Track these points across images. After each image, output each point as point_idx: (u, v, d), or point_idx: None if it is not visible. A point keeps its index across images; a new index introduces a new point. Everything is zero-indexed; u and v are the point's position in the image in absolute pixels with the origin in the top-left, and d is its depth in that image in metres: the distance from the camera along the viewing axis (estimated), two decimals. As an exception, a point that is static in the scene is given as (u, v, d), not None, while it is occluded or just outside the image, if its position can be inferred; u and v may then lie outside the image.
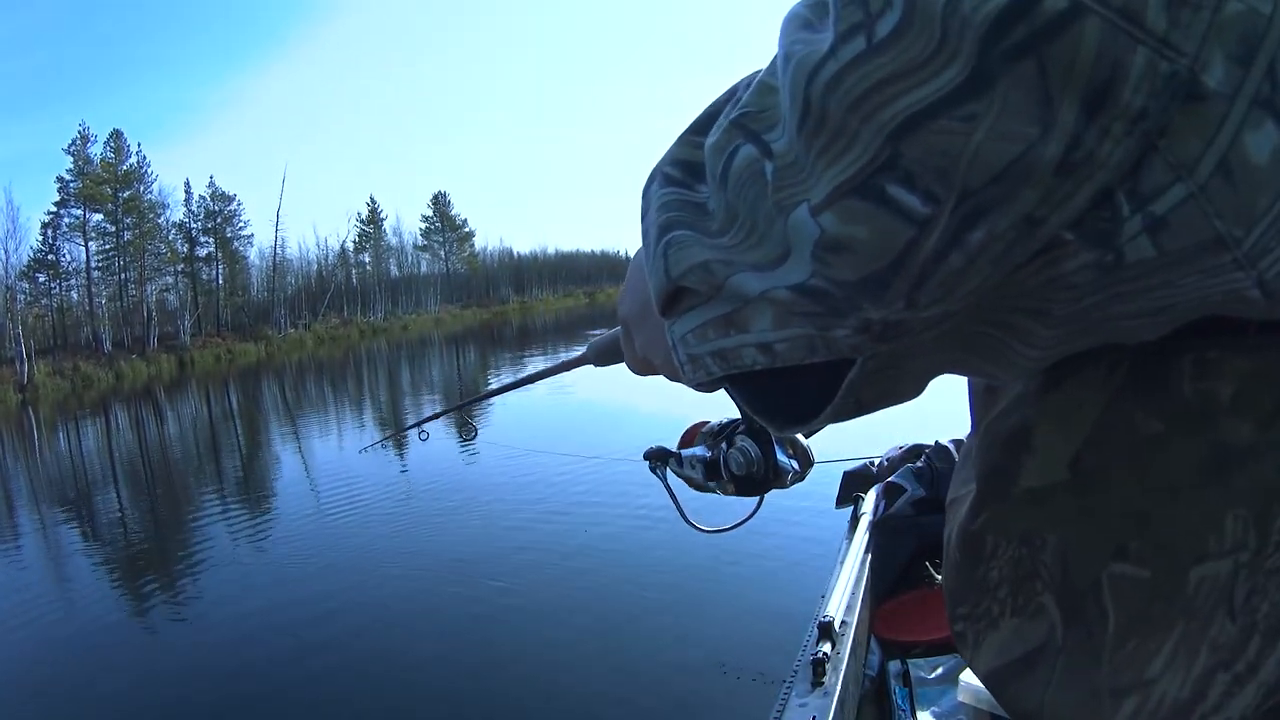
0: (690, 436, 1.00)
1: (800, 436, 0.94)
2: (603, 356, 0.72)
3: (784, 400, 0.38)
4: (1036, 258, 0.27)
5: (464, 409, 1.29)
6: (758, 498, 0.97)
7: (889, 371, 0.33)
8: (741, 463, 0.92)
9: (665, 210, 0.35)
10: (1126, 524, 0.35)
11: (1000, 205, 0.25)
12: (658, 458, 1.00)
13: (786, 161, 0.29)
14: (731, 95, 0.34)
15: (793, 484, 0.96)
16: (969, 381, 0.46)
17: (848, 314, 0.29)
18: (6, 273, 39.47)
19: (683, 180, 0.35)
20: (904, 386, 0.35)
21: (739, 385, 0.39)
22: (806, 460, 0.95)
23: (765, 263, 0.31)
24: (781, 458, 0.93)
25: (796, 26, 0.29)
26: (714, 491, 0.96)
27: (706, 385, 0.40)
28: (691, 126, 0.36)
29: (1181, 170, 0.25)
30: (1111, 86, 0.23)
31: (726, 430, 0.96)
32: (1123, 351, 0.35)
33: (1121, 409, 0.35)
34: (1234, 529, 0.32)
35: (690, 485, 0.98)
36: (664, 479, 1.01)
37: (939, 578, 1.90)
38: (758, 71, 0.32)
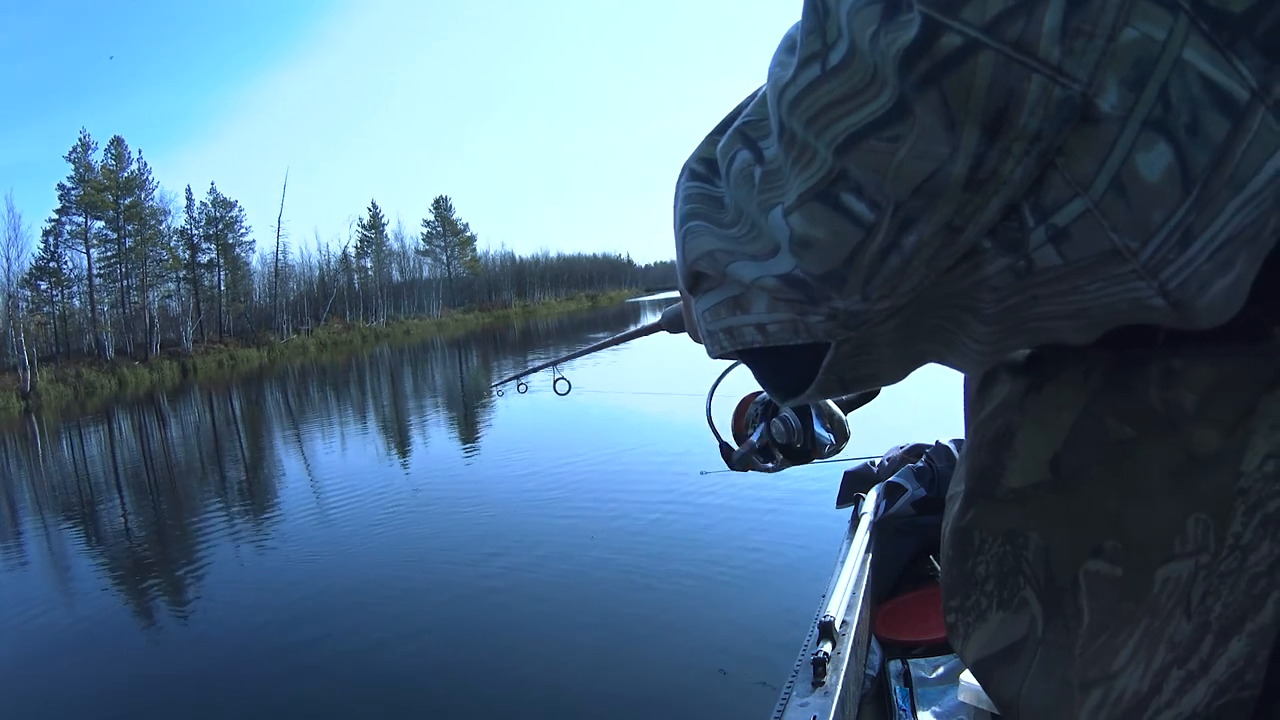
0: (744, 406, 1.10)
1: (838, 410, 1.04)
2: (674, 325, 0.81)
3: (781, 374, 0.41)
4: (963, 262, 0.30)
5: (558, 364, 1.37)
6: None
7: (863, 355, 0.37)
8: (783, 432, 1.03)
9: (687, 202, 0.39)
10: (1103, 524, 0.36)
11: (924, 214, 0.28)
12: (739, 460, 1.10)
13: (773, 167, 0.33)
14: (751, 99, 0.37)
15: (829, 455, 1.05)
16: (964, 383, 0.48)
17: (820, 302, 0.33)
18: (9, 280, 39.70)
19: (705, 175, 0.39)
20: (882, 370, 0.38)
21: (748, 359, 0.43)
22: (843, 434, 1.06)
23: (762, 253, 0.34)
24: (820, 430, 1.03)
25: (784, 48, 0.32)
26: (775, 470, 1.07)
27: (723, 357, 0.44)
28: (716, 127, 0.40)
29: (1079, 186, 0.27)
30: (1008, 111, 0.26)
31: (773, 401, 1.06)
32: (1098, 359, 0.36)
33: (1096, 414, 0.37)
34: (1195, 532, 0.33)
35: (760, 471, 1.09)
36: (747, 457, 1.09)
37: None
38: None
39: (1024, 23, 0.25)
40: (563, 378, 1.33)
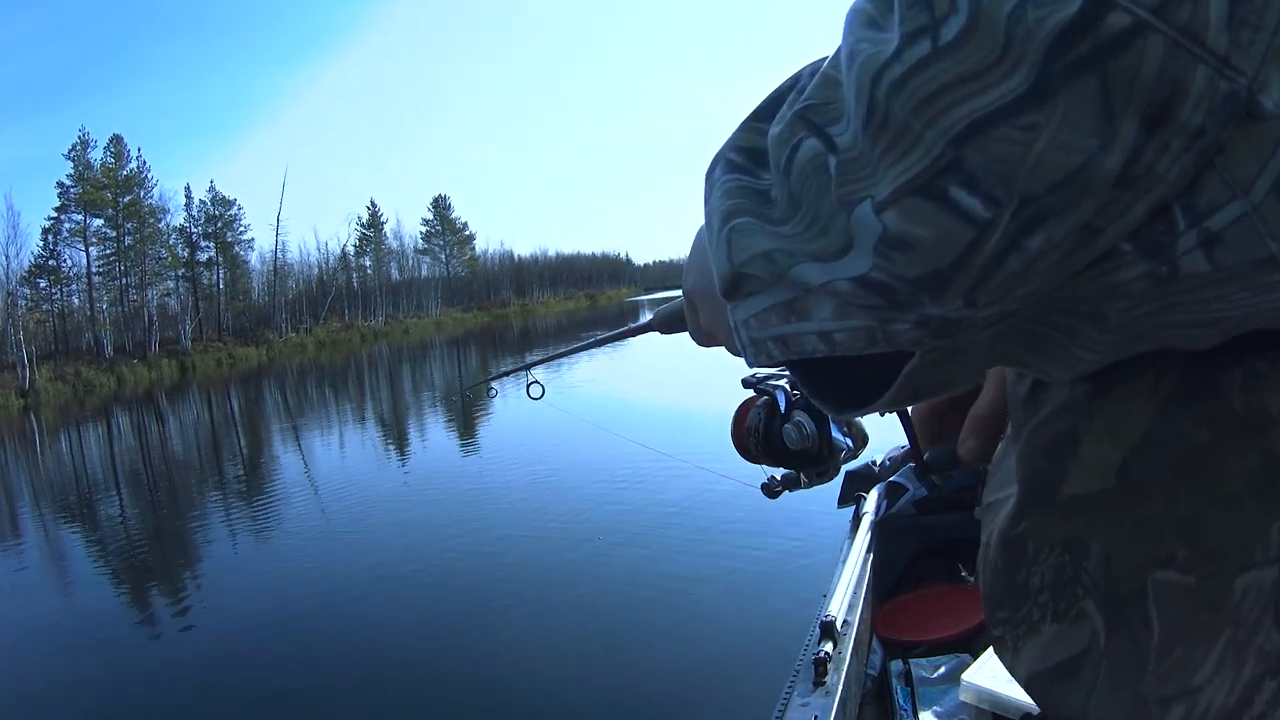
0: (744, 411, 0.99)
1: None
2: (667, 325, 0.75)
3: (842, 385, 0.38)
4: (1094, 266, 0.28)
5: (531, 369, 1.26)
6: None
7: (947, 364, 0.34)
8: (796, 439, 0.92)
9: (728, 196, 0.36)
10: (1173, 532, 0.35)
11: (1059, 213, 0.26)
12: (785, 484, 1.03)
13: (851, 157, 0.29)
14: (795, 83, 0.34)
15: (845, 462, 0.96)
16: (1010, 387, 0.46)
17: (908, 309, 0.30)
18: (8, 278, 39.73)
19: (746, 167, 0.35)
20: (960, 377, 0.36)
21: (799, 368, 0.39)
22: (862, 439, 0.96)
23: (827, 254, 0.31)
24: (837, 435, 0.94)
25: (861, 24, 0.29)
26: (809, 486, 0.98)
27: (769, 367, 0.40)
28: (755, 113, 0.36)
29: (1237, 189, 0.25)
30: (1171, 103, 0.24)
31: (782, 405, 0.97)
32: (1172, 361, 0.35)
33: (1171, 418, 0.35)
34: (1279, 539, 0.32)
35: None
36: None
37: (971, 578, 1.89)
38: (821, 60, 0.32)
39: (1192, 8, 0.23)
40: (536, 381, 1.26)
